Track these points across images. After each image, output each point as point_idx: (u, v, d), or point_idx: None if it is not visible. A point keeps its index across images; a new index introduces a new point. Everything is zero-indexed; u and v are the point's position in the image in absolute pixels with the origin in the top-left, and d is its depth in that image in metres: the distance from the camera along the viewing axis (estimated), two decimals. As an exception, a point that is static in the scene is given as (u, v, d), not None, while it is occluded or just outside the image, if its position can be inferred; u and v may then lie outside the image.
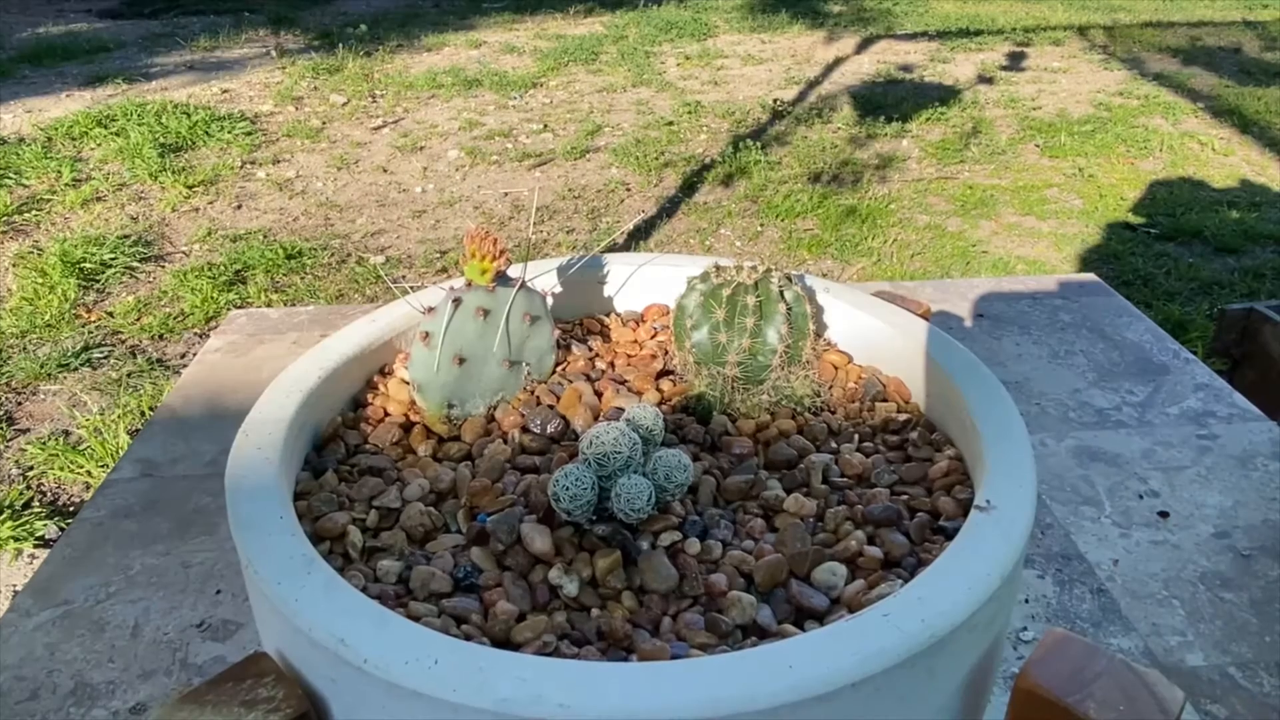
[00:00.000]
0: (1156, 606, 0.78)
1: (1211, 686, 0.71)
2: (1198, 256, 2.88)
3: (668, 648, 0.44)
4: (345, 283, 2.71)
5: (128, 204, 3.19)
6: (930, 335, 0.65)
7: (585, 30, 5.56)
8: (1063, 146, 3.71)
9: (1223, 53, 5.12)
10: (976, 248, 2.94)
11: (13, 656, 0.74)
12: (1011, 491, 0.49)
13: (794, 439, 0.61)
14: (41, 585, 0.81)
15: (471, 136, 3.83)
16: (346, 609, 0.42)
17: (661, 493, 0.52)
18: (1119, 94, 4.35)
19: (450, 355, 0.62)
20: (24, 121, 3.87)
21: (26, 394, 2.20)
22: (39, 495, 1.88)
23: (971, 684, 0.46)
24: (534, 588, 0.49)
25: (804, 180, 3.41)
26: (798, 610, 0.48)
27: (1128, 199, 3.28)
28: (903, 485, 0.57)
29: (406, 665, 0.39)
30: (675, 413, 0.64)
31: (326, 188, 3.36)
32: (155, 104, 3.99)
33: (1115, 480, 0.93)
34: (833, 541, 0.52)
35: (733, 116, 4.05)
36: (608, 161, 3.59)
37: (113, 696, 0.70)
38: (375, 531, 0.54)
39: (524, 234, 2.99)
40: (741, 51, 5.10)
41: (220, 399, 1.08)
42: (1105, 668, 0.46)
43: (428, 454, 0.61)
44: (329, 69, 4.63)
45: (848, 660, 0.39)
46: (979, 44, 5.23)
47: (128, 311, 2.53)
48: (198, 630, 0.76)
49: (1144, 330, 1.22)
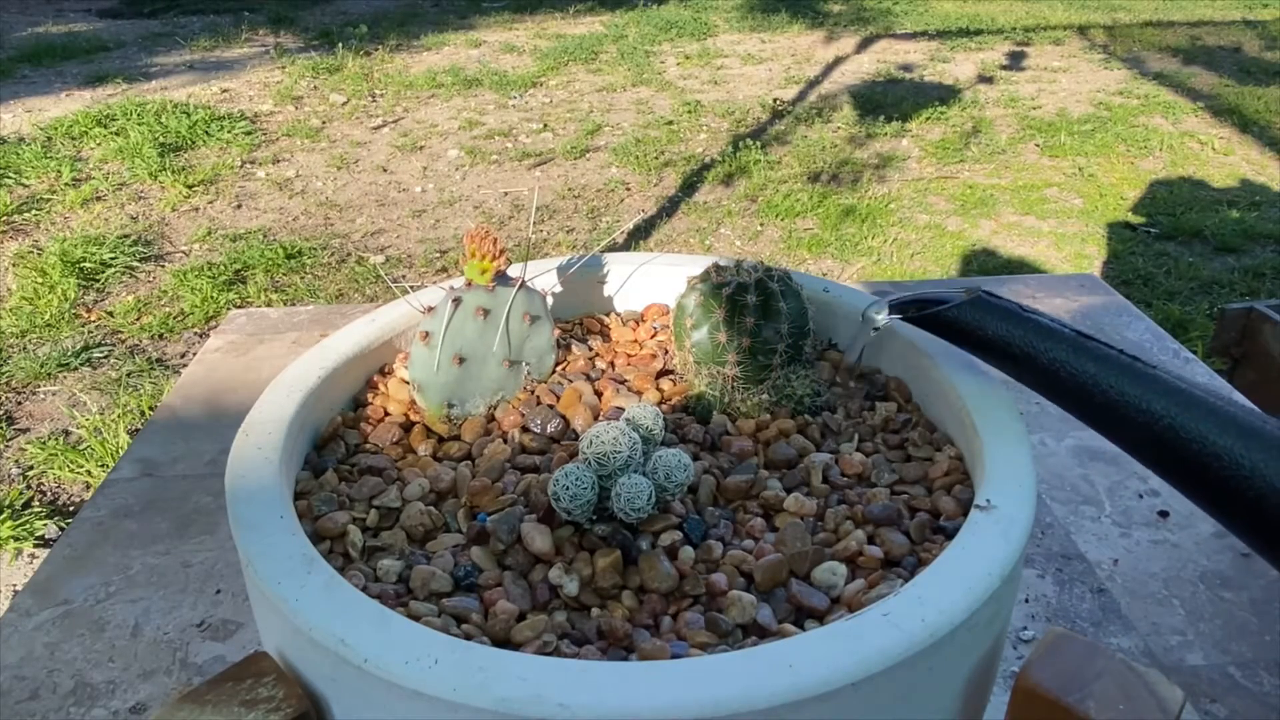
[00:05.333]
0: (1156, 606, 0.78)
1: (1211, 686, 0.71)
2: (1198, 256, 2.88)
3: (668, 647, 0.44)
4: (345, 282, 2.71)
5: (127, 204, 3.19)
6: (930, 335, 0.65)
7: (585, 30, 5.56)
8: (1063, 146, 3.71)
9: (1223, 52, 5.12)
10: (976, 247, 2.94)
11: (13, 656, 0.74)
12: (1011, 491, 0.49)
13: (794, 439, 0.61)
14: (41, 585, 0.81)
15: (471, 136, 3.83)
16: (347, 609, 0.42)
17: (661, 492, 0.52)
18: (1119, 93, 4.35)
19: (450, 355, 0.62)
20: (24, 121, 3.87)
21: (26, 394, 2.20)
22: (39, 495, 1.88)
23: (972, 683, 0.46)
24: (534, 587, 0.49)
25: (804, 180, 3.41)
26: (798, 610, 0.48)
27: (1128, 198, 3.28)
28: (903, 485, 0.58)
29: (406, 665, 0.39)
30: (675, 412, 0.64)
31: (326, 187, 3.36)
32: (155, 103, 3.99)
33: (1115, 480, 0.93)
34: (833, 541, 0.52)
35: (733, 116, 4.05)
36: (608, 161, 3.59)
37: (113, 696, 0.70)
38: (375, 531, 0.54)
39: (524, 234, 2.99)
40: (741, 51, 5.10)
41: (220, 399, 1.08)
42: (1105, 667, 0.46)
43: (428, 454, 0.61)
44: (329, 68, 4.63)
45: (848, 660, 0.39)
46: (979, 43, 5.23)
47: (128, 311, 2.53)
48: (198, 630, 0.76)
49: (1144, 329, 1.22)
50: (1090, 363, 0.51)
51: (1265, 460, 0.46)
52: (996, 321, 0.55)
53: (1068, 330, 0.53)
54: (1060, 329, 0.53)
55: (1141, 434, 0.50)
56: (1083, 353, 0.52)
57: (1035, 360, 0.53)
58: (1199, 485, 0.49)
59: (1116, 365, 0.51)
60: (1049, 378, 0.53)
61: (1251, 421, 0.47)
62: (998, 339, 0.55)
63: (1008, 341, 0.54)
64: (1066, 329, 0.53)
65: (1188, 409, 0.48)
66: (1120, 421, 0.50)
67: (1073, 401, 0.53)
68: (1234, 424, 0.47)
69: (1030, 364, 0.53)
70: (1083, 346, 0.52)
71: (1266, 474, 0.45)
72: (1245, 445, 0.46)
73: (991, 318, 0.55)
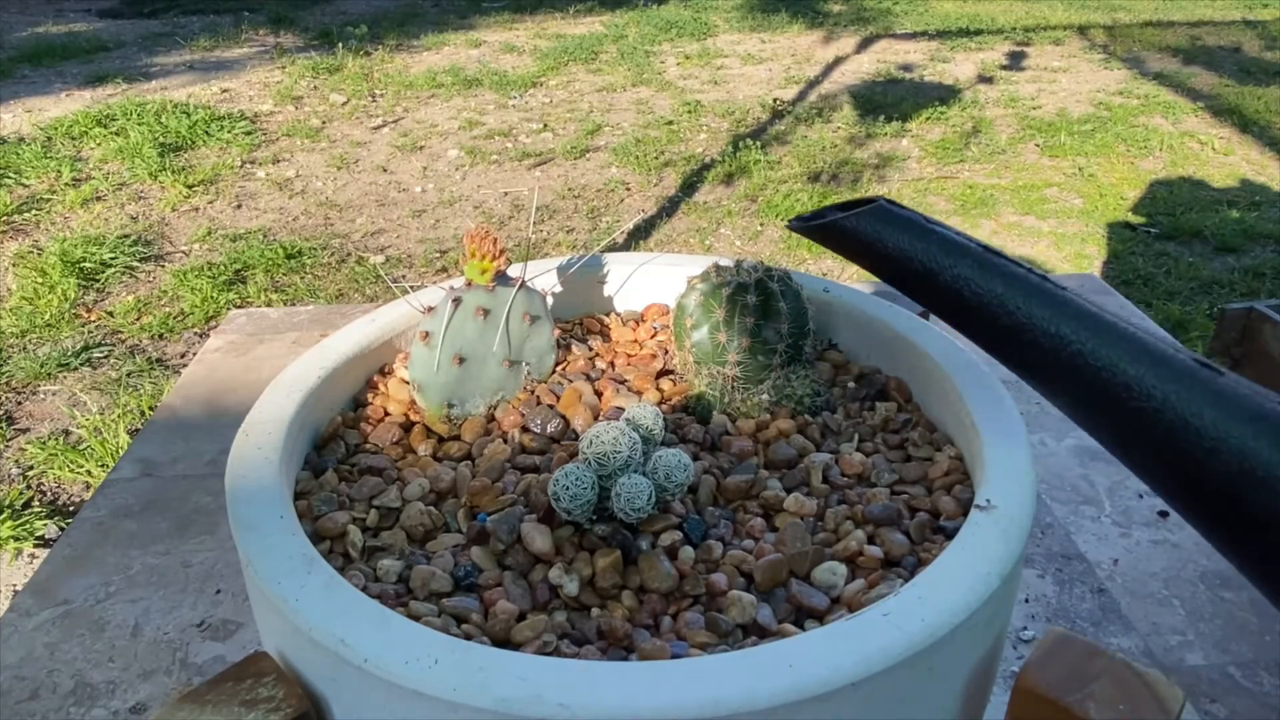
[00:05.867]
0: (1156, 606, 0.78)
1: (1211, 686, 0.71)
2: (1198, 256, 2.88)
3: (668, 647, 0.44)
4: (345, 282, 2.71)
5: (127, 204, 3.19)
6: (930, 334, 0.65)
7: (585, 30, 5.56)
8: (1063, 146, 3.71)
9: (1223, 52, 5.12)
10: (976, 247, 2.94)
11: (13, 656, 0.74)
12: (1011, 491, 0.49)
13: (794, 439, 0.61)
14: (41, 585, 0.81)
15: (471, 136, 3.83)
16: (347, 608, 0.42)
17: (661, 492, 0.52)
18: (1119, 93, 4.35)
19: (450, 355, 0.62)
20: (24, 121, 3.87)
21: (26, 394, 2.20)
22: (39, 495, 1.88)
23: (972, 683, 0.46)
24: (534, 587, 0.49)
25: (804, 179, 3.41)
26: (798, 610, 0.48)
27: (1128, 198, 3.28)
28: (903, 485, 0.57)
29: (407, 665, 0.39)
30: (675, 412, 0.64)
31: (326, 187, 3.36)
32: (155, 103, 3.99)
33: (1115, 479, 0.93)
34: (833, 541, 0.52)
35: (732, 116, 4.05)
36: (607, 161, 3.59)
37: (113, 696, 0.70)
38: (375, 531, 0.54)
39: (524, 234, 2.99)
40: (741, 51, 5.10)
41: (220, 399, 1.08)
42: (1105, 668, 0.46)
43: (428, 453, 0.61)
44: (329, 68, 4.63)
45: (848, 660, 0.39)
46: (979, 43, 5.23)
47: (128, 311, 2.53)
48: (198, 630, 0.76)
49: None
50: (997, 281, 0.47)
51: (1177, 391, 0.41)
52: (897, 234, 0.50)
53: (974, 245, 0.49)
54: (966, 243, 0.49)
55: (1048, 360, 0.45)
56: (990, 270, 0.47)
57: (938, 277, 0.49)
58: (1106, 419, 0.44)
59: (1025, 285, 0.46)
60: (952, 297, 0.48)
61: (1163, 350, 0.43)
62: (898, 253, 0.50)
63: (908, 256, 0.50)
64: (973, 244, 0.49)
65: (1098, 334, 0.44)
66: (1027, 346, 0.46)
67: (977, 324, 0.48)
68: (1146, 352, 0.43)
69: (932, 281, 0.49)
70: (990, 263, 0.48)
71: (1178, 406, 0.41)
72: (1157, 374, 0.42)
73: (891, 229, 0.50)
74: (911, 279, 0.50)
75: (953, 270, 0.48)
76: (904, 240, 0.50)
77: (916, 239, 0.49)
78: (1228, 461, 0.40)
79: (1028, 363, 0.47)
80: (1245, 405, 0.41)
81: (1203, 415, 0.41)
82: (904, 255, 0.50)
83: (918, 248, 0.49)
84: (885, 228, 0.51)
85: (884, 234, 0.51)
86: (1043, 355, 0.45)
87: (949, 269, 0.48)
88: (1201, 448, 0.41)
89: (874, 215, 0.51)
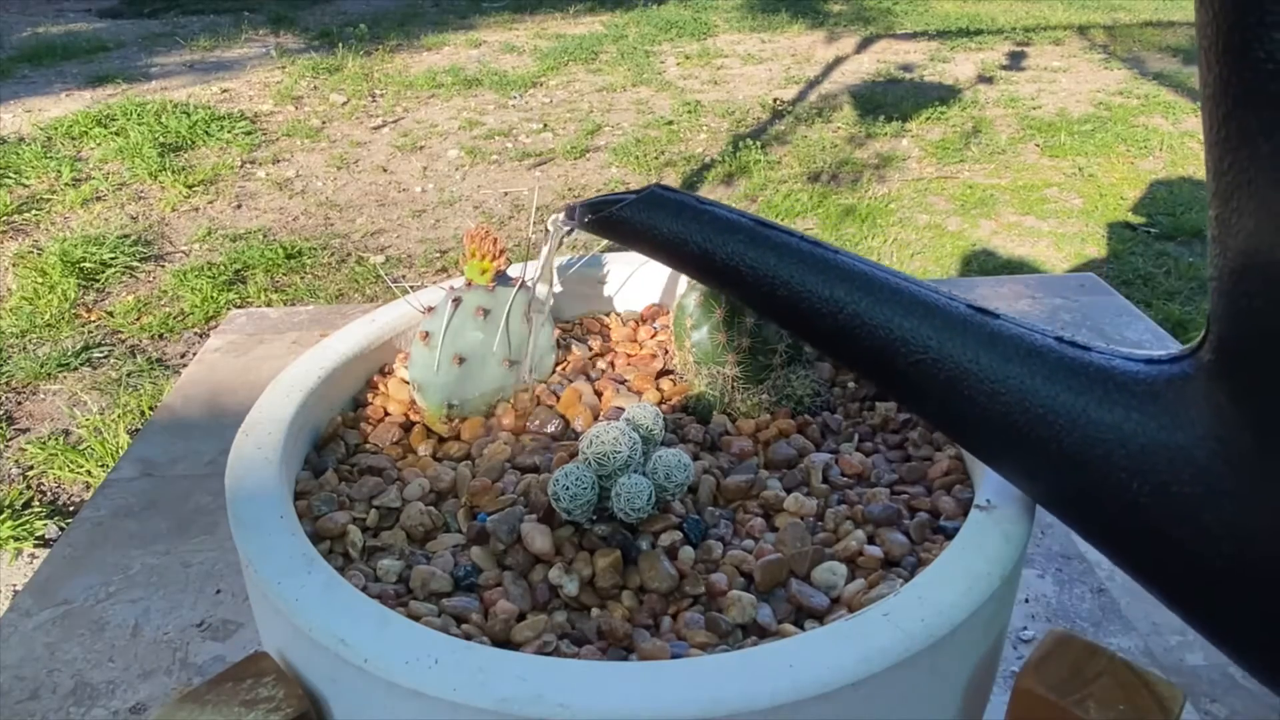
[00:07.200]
0: (1156, 606, 0.78)
1: (1211, 686, 0.71)
2: (1198, 256, 2.88)
3: (668, 647, 0.44)
4: (345, 282, 2.71)
5: (127, 203, 3.19)
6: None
7: (585, 29, 5.56)
8: (1063, 146, 3.71)
9: (1223, 52, 5.11)
10: (976, 247, 2.94)
11: (13, 656, 0.74)
12: (1012, 491, 0.49)
13: (794, 439, 0.61)
14: (41, 585, 0.81)
15: (471, 136, 3.83)
16: (347, 609, 0.42)
17: (661, 492, 0.52)
18: (1119, 93, 4.35)
19: (450, 355, 0.62)
20: (24, 121, 3.87)
21: (26, 394, 2.20)
22: (39, 495, 1.88)
23: (972, 683, 0.46)
24: (534, 587, 0.49)
25: (804, 179, 3.41)
26: (798, 610, 0.48)
27: (1128, 198, 3.28)
28: (903, 485, 0.57)
29: (407, 665, 0.39)
30: (675, 412, 0.64)
31: (326, 187, 3.36)
32: (155, 104, 3.99)
33: (1115, 480, 0.93)
34: (833, 541, 0.52)
35: (732, 116, 4.05)
36: (608, 161, 3.59)
37: (113, 696, 0.70)
38: (375, 531, 0.54)
39: (524, 234, 2.99)
40: (741, 51, 5.10)
41: (220, 399, 1.08)
42: (1105, 668, 0.46)
43: (428, 454, 0.61)
44: (329, 68, 4.63)
45: (848, 659, 0.39)
46: (979, 43, 5.23)
47: (128, 311, 2.53)
48: (198, 630, 0.76)
49: (1144, 329, 1.22)
50: (770, 254, 0.46)
51: (951, 339, 0.41)
52: (669, 219, 0.49)
53: (746, 220, 0.48)
54: (738, 220, 0.48)
55: (828, 325, 0.44)
56: (761, 243, 0.46)
57: (714, 258, 0.48)
58: (892, 376, 0.43)
59: (796, 253, 0.45)
60: (732, 276, 0.48)
61: (936, 300, 0.42)
62: (674, 237, 0.49)
63: (683, 239, 0.49)
64: (745, 218, 0.48)
65: (871, 293, 0.43)
66: (806, 316, 0.45)
67: (759, 300, 0.47)
68: (919, 304, 0.42)
69: (710, 263, 0.48)
70: (760, 236, 0.47)
71: (954, 354, 0.41)
72: (931, 325, 0.41)
73: (663, 215, 0.49)
74: (692, 262, 0.50)
75: (726, 248, 0.47)
76: (677, 224, 0.49)
77: (690, 221, 0.49)
78: (1009, 402, 0.40)
79: (814, 332, 0.46)
80: (1018, 344, 0.40)
81: (979, 359, 0.41)
82: (679, 239, 0.49)
83: (692, 230, 0.49)
84: (658, 214, 0.50)
85: (657, 220, 0.50)
86: (822, 321, 0.45)
87: (722, 247, 0.48)
88: (983, 391, 0.41)
89: (646, 203, 0.50)
